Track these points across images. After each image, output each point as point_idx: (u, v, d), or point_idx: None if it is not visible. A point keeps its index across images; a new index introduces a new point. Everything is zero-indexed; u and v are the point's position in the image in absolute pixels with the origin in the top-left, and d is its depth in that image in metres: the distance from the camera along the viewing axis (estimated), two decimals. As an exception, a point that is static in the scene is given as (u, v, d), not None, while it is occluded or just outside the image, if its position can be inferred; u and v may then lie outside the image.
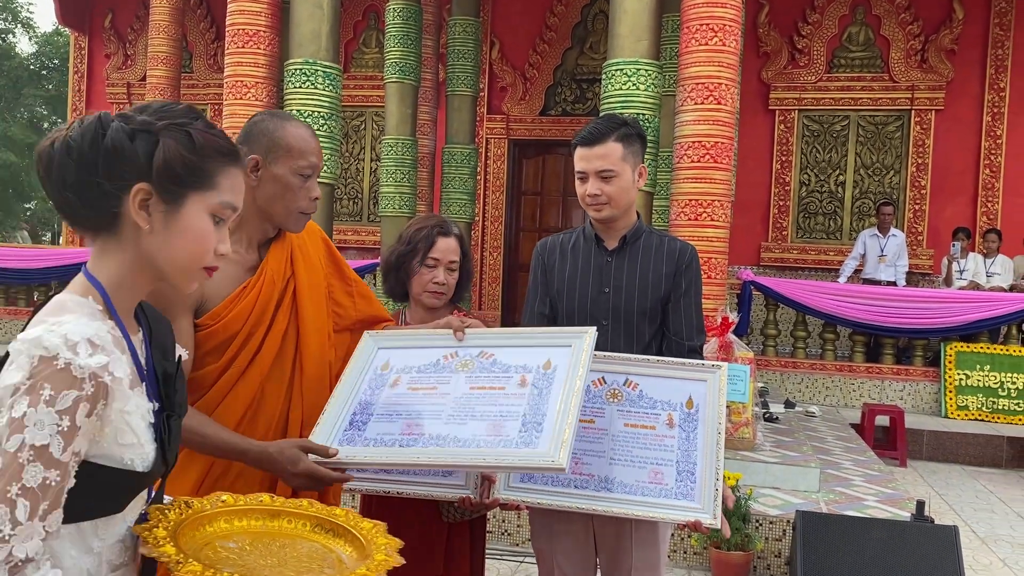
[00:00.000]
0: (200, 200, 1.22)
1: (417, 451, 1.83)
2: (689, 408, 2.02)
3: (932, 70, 10.23)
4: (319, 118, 6.21)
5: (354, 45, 12.08)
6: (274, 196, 1.86)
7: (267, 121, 1.88)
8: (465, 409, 1.89)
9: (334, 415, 1.95)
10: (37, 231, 31.33)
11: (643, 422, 2.03)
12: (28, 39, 28.40)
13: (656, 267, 2.30)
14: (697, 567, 4.29)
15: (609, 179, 2.24)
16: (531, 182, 11.79)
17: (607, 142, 2.23)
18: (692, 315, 2.30)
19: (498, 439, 1.80)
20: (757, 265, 10.50)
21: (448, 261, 2.40)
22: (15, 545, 1.01)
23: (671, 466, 1.97)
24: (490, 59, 11.45)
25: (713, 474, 1.95)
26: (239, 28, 6.43)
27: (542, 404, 1.84)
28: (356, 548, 1.36)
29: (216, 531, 1.33)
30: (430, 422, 1.89)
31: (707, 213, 5.40)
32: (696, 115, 5.42)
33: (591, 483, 2.00)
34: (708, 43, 5.39)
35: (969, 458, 7.26)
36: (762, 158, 10.71)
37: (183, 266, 1.23)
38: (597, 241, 2.35)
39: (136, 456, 1.18)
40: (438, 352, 2.05)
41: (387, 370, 2.04)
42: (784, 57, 10.69)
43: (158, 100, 1.24)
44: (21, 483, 1.02)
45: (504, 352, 2.00)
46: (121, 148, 1.16)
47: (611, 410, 2.06)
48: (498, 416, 1.85)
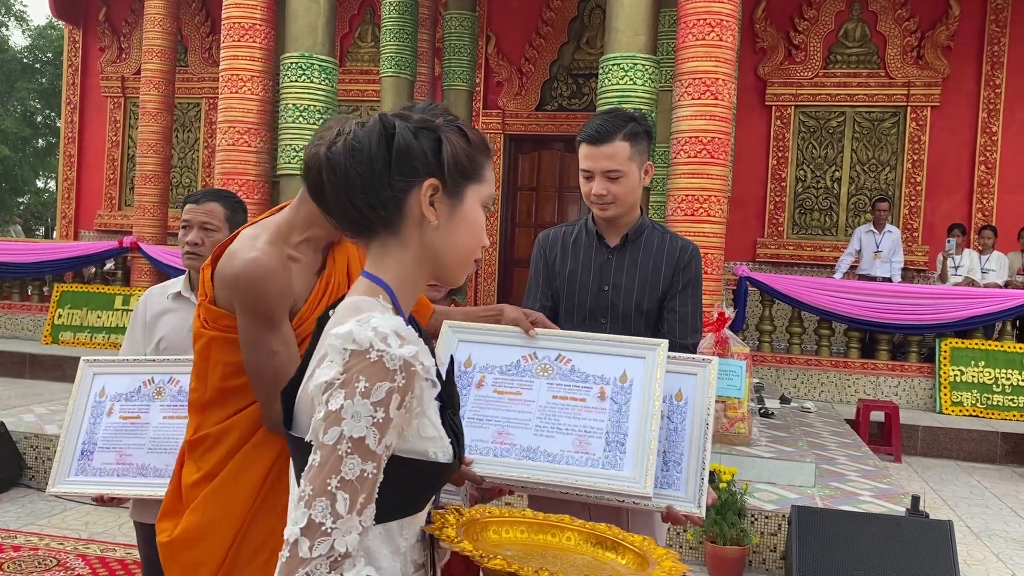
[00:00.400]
0: (475, 192, 1.26)
1: (515, 463, 1.91)
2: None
3: (928, 66, 10.24)
4: (315, 112, 6.20)
5: (349, 39, 12.05)
6: None
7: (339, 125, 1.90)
8: (550, 420, 1.96)
9: None
10: (30, 225, 31.22)
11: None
12: (21, 32, 28.29)
13: (656, 266, 2.28)
14: (693, 562, 4.30)
15: (616, 179, 2.21)
16: (527, 177, 11.78)
17: (614, 141, 2.18)
18: (687, 314, 2.27)
19: (584, 456, 1.90)
20: (753, 261, 10.51)
21: None
22: (336, 538, 1.02)
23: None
24: (486, 53, 11.43)
25: (699, 464, 1.97)
26: (235, 21, 6.41)
27: (622, 421, 1.93)
28: (630, 560, 1.37)
29: (489, 539, 1.37)
30: (519, 431, 1.96)
31: (704, 209, 5.40)
32: (693, 110, 5.42)
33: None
34: (705, 38, 5.39)
35: (963, 454, 7.28)
36: (758, 154, 10.71)
37: (462, 258, 1.27)
38: (599, 238, 2.33)
39: (438, 449, 1.20)
40: (517, 352, 2.07)
41: (471, 367, 2.07)
42: (780, 53, 10.69)
43: (420, 101, 1.28)
44: (340, 476, 1.03)
45: (581, 358, 2.03)
46: (409, 145, 1.19)
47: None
48: (582, 431, 1.93)
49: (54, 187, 30.23)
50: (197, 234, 2.53)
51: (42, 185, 31.30)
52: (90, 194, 13.11)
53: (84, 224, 13.08)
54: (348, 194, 1.19)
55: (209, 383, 1.83)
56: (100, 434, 2.37)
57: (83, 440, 2.38)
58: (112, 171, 12.97)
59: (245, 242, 1.78)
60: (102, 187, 13.00)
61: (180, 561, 1.81)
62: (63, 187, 13.34)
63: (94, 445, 2.37)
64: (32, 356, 9.28)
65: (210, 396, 1.83)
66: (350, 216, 1.22)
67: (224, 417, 1.83)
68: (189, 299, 2.58)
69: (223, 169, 6.79)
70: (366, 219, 1.21)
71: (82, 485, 2.35)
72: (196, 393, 1.86)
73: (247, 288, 1.71)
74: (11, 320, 10.58)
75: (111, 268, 10.35)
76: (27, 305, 10.60)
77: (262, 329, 1.72)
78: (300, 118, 6.12)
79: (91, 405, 2.42)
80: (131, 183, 12.62)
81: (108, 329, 9.56)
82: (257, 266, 1.71)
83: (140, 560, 2.59)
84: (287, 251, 1.78)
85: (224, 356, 1.80)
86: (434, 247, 1.24)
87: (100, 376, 2.45)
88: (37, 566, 3.87)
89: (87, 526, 4.48)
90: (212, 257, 1.86)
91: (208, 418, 1.84)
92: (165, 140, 10.08)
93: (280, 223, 1.82)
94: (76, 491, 2.38)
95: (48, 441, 5.23)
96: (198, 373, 1.85)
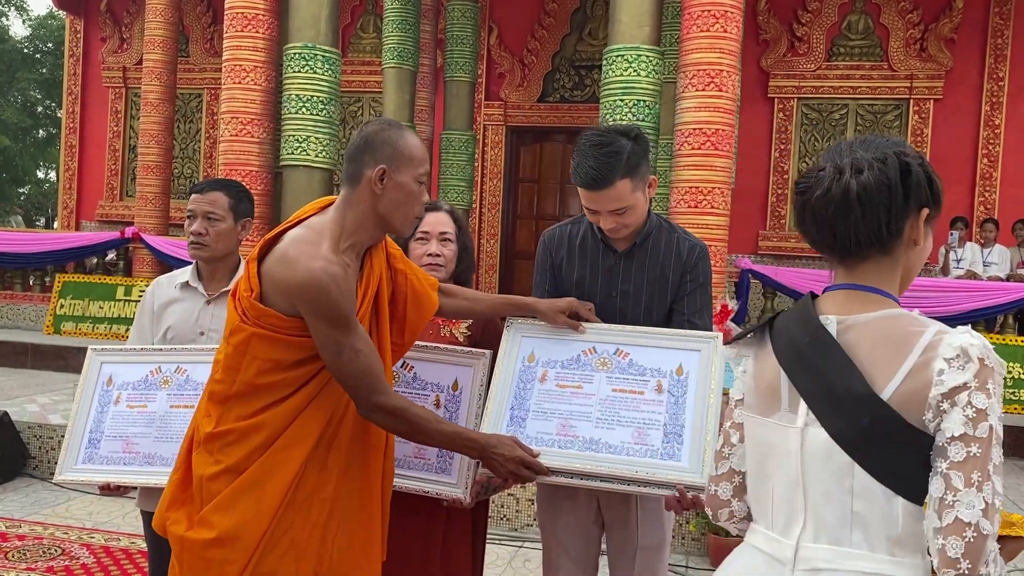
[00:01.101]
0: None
1: (578, 455, 2.00)
2: (679, 375, 2.08)
3: (931, 59, 10.22)
4: (318, 103, 6.19)
5: (351, 30, 12.01)
6: (398, 203, 1.91)
7: (387, 131, 1.92)
8: (611, 413, 2.06)
9: (496, 410, 2.11)
10: (31, 215, 31.21)
11: (631, 387, 2.09)
12: (22, 22, 28.25)
13: (664, 271, 2.25)
14: (695, 553, 4.31)
15: (625, 213, 2.16)
16: (528, 169, 11.76)
17: (615, 183, 2.10)
18: (695, 314, 2.25)
19: (644, 448, 2.00)
20: (755, 253, 10.51)
21: (439, 232, 2.41)
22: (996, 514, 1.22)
23: (658, 428, 2.03)
24: (488, 45, 11.39)
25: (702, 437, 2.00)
26: (238, 11, 6.39)
27: (680, 413, 2.02)
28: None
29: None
30: (581, 424, 2.05)
31: (707, 201, 5.40)
32: (697, 102, 5.41)
33: (575, 443, 2.04)
34: (709, 30, 5.38)
35: (964, 446, 7.28)
36: (761, 146, 10.69)
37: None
38: (605, 241, 2.29)
39: None
40: (577, 346, 2.16)
41: (533, 362, 2.16)
42: (784, 45, 10.67)
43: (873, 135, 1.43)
44: (993, 463, 1.22)
45: (638, 352, 2.12)
46: (919, 178, 1.37)
47: (600, 377, 2.11)
48: (641, 423, 2.03)
49: (55, 177, 30.22)
50: (201, 224, 2.53)
51: (43, 175, 31.26)
52: (92, 184, 13.10)
53: (85, 215, 13.07)
54: (877, 218, 1.34)
55: (241, 377, 1.83)
56: (107, 423, 2.38)
57: (90, 428, 2.39)
58: (114, 161, 12.96)
59: (303, 248, 1.81)
60: (103, 177, 12.98)
61: (206, 558, 1.80)
62: (64, 177, 13.32)
63: (101, 434, 2.38)
64: (34, 346, 9.28)
65: (238, 389, 1.84)
66: (866, 239, 1.36)
67: (251, 412, 1.84)
68: (197, 289, 2.58)
69: (226, 160, 6.77)
70: (876, 241, 1.36)
71: (89, 473, 2.37)
72: (222, 385, 1.86)
73: (320, 297, 1.76)
74: (13, 310, 10.58)
75: (113, 259, 10.35)
76: (29, 295, 10.60)
77: (343, 333, 1.78)
78: (303, 109, 6.10)
79: (98, 394, 2.43)
80: (133, 173, 12.61)
81: (110, 319, 9.56)
82: (327, 275, 1.76)
83: (146, 549, 2.60)
84: (341, 258, 1.83)
85: (264, 352, 1.82)
86: (909, 265, 1.43)
87: (108, 365, 2.46)
88: (42, 555, 3.88)
89: (91, 516, 4.49)
90: (257, 254, 1.87)
91: (231, 411, 1.85)
92: (167, 131, 10.06)
93: (333, 229, 1.86)
94: (83, 479, 2.40)
95: (51, 431, 5.24)
96: (229, 366, 1.85)
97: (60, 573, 3.70)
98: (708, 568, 4.15)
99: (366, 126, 1.95)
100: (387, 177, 1.88)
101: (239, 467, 1.82)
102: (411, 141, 1.93)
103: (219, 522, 1.79)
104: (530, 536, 4.38)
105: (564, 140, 11.50)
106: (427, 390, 2.27)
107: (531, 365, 2.14)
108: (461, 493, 2.18)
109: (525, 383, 2.13)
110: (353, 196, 1.89)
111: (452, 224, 2.44)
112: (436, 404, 2.24)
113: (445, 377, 2.26)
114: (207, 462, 1.85)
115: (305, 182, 6.22)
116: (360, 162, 1.89)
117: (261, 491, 1.81)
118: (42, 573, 3.68)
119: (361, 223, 1.89)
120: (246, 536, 1.79)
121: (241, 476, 1.81)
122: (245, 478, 1.81)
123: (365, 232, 1.91)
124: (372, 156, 1.89)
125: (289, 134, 6.20)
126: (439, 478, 2.22)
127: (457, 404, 2.23)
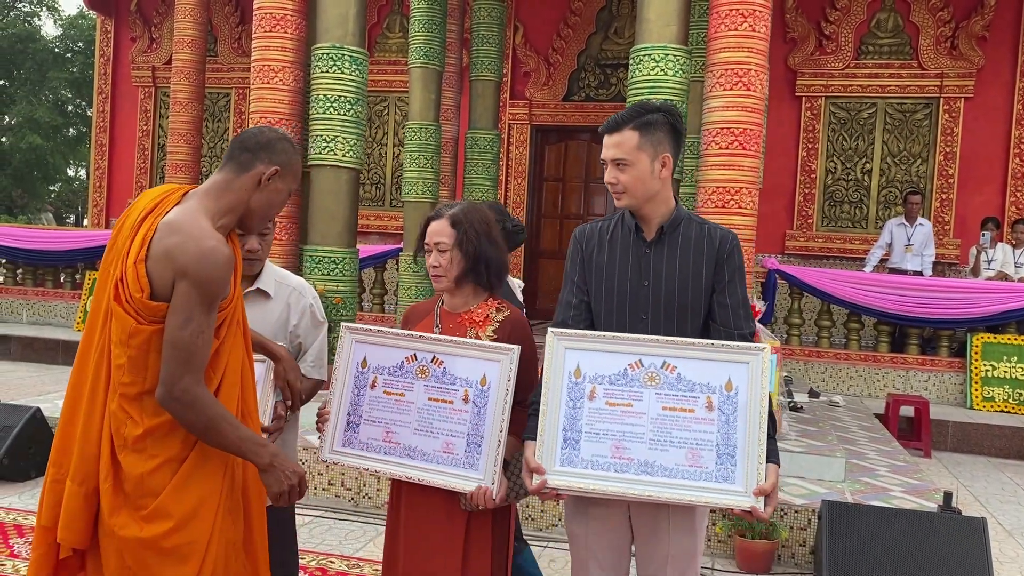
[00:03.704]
0: None
1: (635, 479, 2.01)
2: (728, 391, 2.04)
3: (962, 57, 10.09)
4: (345, 103, 6.21)
5: (378, 30, 12.07)
6: (268, 204, 2.07)
7: (286, 143, 2.10)
8: (663, 433, 2.04)
9: (549, 432, 2.10)
10: (61, 213, 31.63)
11: (682, 405, 2.05)
12: (53, 22, 28.59)
13: (696, 258, 2.24)
14: (721, 555, 4.29)
15: (623, 168, 2.20)
16: (553, 168, 11.75)
17: (623, 130, 2.19)
18: (738, 304, 2.24)
19: (699, 471, 1.99)
20: (782, 253, 10.43)
21: (434, 243, 2.41)
22: None
23: (711, 449, 2.01)
24: (514, 44, 11.40)
25: (757, 456, 1.99)
26: (267, 12, 6.43)
27: (731, 433, 2.01)
28: None
29: None
30: (635, 445, 2.04)
31: (735, 201, 5.36)
32: (725, 101, 5.37)
33: (631, 467, 2.03)
34: (738, 28, 5.34)
35: (994, 450, 7.20)
36: (788, 145, 10.61)
37: None
38: (636, 230, 2.29)
39: None
40: (623, 359, 2.12)
41: (580, 378, 2.13)
42: (811, 43, 10.58)
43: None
44: None
45: (686, 365, 2.08)
46: None
47: (649, 393, 2.08)
48: (694, 444, 2.02)
49: (84, 176, 30.60)
50: (256, 240, 2.58)
51: (73, 174, 31.68)
52: (121, 183, 13.25)
53: (115, 212, 13.23)
54: None
55: (150, 373, 1.89)
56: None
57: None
58: (143, 160, 13.11)
59: (192, 221, 1.90)
60: (133, 176, 13.13)
61: (167, 547, 1.88)
62: (95, 176, 13.49)
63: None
64: (65, 343, 9.42)
65: (151, 384, 1.89)
66: None
67: None
68: (265, 291, 2.69)
69: (253, 159, 6.79)
70: None
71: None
72: (133, 386, 1.90)
73: (207, 272, 1.85)
74: (44, 307, 10.75)
75: (142, 256, 10.47)
76: (60, 292, 10.76)
77: (202, 310, 1.86)
78: (331, 109, 6.13)
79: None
80: (161, 172, 12.75)
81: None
82: (217, 252, 1.87)
83: None
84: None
85: None
86: None
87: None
88: (74, 549, 3.94)
89: (122, 511, 4.54)
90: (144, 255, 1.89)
91: (150, 406, 1.90)
92: (195, 130, 10.16)
93: (205, 209, 1.96)
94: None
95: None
96: (136, 366, 1.89)
97: (92, 567, 3.75)
98: (734, 571, 4.12)
99: (267, 130, 2.10)
100: (274, 179, 2.04)
101: (180, 455, 1.91)
102: (298, 160, 2.14)
103: (175, 509, 1.88)
104: (555, 536, 4.39)
105: (589, 139, 11.48)
106: (456, 385, 2.29)
107: (578, 381, 2.11)
108: (490, 484, 2.21)
109: (575, 401, 2.10)
110: (236, 182, 2.02)
111: (449, 231, 2.40)
112: (465, 399, 2.26)
113: (474, 372, 2.28)
114: (140, 460, 1.89)
115: (332, 181, 6.25)
116: (256, 155, 2.02)
117: (206, 469, 1.93)
118: (74, 567, 3.74)
119: (233, 207, 2.02)
120: (203, 516, 1.91)
121: (185, 462, 1.91)
122: (190, 462, 1.92)
123: (234, 216, 2.03)
124: (270, 156, 2.04)
125: (317, 134, 6.23)
126: (466, 472, 2.25)
127: (485, 399, 2.25)
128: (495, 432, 2.23)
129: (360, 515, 4.60)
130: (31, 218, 27.87)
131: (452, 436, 2.27)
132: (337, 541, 4.22)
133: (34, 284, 10.87)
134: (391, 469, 2.32)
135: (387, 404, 2.35)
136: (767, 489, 1.98)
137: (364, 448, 2.36)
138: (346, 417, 2.38)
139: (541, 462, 2.08)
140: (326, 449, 2.39)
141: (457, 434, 2.27)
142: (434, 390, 2.31)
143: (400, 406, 2.34)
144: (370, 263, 9.93)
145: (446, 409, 2.29)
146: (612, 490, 2.02)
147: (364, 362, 2.39)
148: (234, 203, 2.01)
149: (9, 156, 25.81)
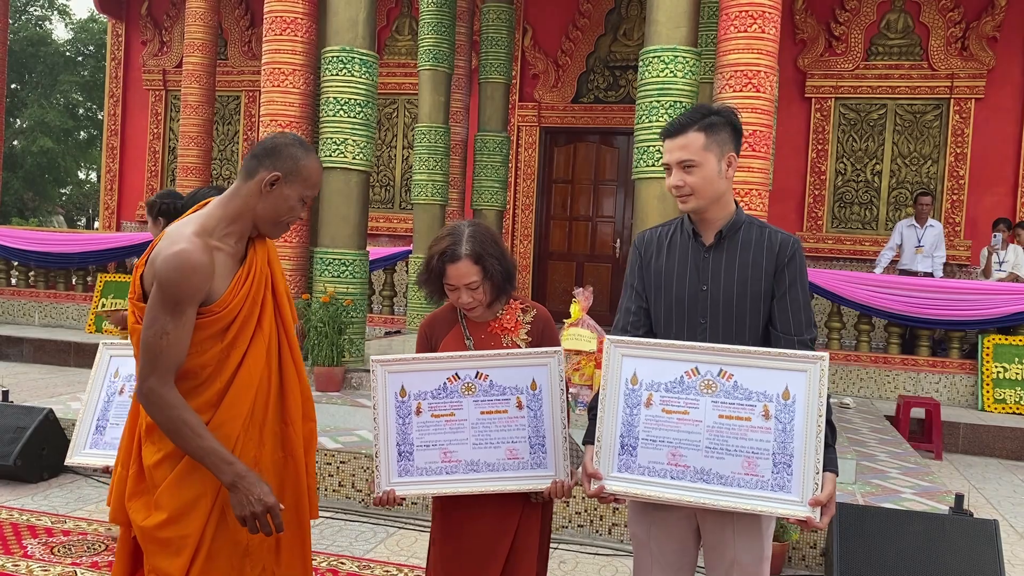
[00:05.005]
0: None
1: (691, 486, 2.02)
2: (786, 399, 2.02)
3: (973, 58, 10.05)
4: (355, 105, 6.23)
5: (387, 32, 12.10)
6: (275, 210, 2.08)
7: (296, 147, 2.09)
8: (719, 441, 2.03)
9: (608, 438, 2.11)
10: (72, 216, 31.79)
11: (738, 413, 2.04)
12: (64, 26, 28.77)
13: (756, 262, 2.21)
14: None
15: (690, 170, 2.18)
16: (562, 170, 11.76)
17: (688, 132, 2.18)
18: (800, 310, 2.20)
19: (755, 479, 1.99)
20: (791, 255, 10.39)
21: (464, 284, 2.37)
22: None
23: (767, 458, 2.00)
24: (523, 46, 11.42)
25: (814, 465, 1.98)
26: (277, 15, 6.47)
27: (788, 442, 1.99)
28: None
29: None
30: (691, 453, 2.04)
31: (745, 202, 5.36)
32: (734, 103, 5.36)
33: (687, 474, 2.04)
34: (747, 30, 5.34)
35: (1006, 452, 7.17)
36: (798, 147, 10.60)
37: None
38: (694, 235, 2.27)
39: None
40: (680, 367, 2.10)
41: (637, 385, 2.12)
42: (821, 44, 10.56)
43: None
44: None
45: (743, 373, 2.05)
46: None
47: (705, 401, 2.07)
48: (750, 452, 2.01)
49: (96, 178, 30.75)
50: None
51: (84, 176, 31.84)
52: (132, 185, 13.32)
53: (126, 215, 13.30)
54: None
55: None
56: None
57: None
58: (154, 163, 13.17)
59: (171, 234, 1.99)
60: (144, 179, 13.20)
61: (162, 538, 1.97)
62: (106, 179, 13.56)
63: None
64: (76, 344, 9.47)
65: None
66: None
67: None
68: None
69: (264, 162, 6.82)
70: None
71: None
72: None
73: (167, 274, 1.91)
74: (56, 309, 10.81)
75: (153, 259, 10.52)
76: (71, 294, 10.82)
77: (165, 312, 1.92)
78: (341, 111, 6.16)
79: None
80: (172, 175, 12.81)
81: (150, 319, 9.72)
82: (181, 255, 1.92)
83: None
84: (212, 242, 1.99)
85: None
86: None
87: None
88: (86, 550, 3.97)
89: (134, 512, 4.57)
90: (145, 258, 2.04)
91: None
92: (206, 133, 10.22)
93: (207, 216, 2.03)
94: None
95: (95, 428, 5.33)
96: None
97: (104, 568, 3.78)
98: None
99: (280, 136, 2.11)
100: (277, 184, 2.05)
101: (179, 452, 1.98)
102: (312, 164, 2.10)
103: (168, 503, 1.97)
104: (565, 538, 4.39)
105: (598, 141, 11.49)
106: (507, 394, 2.32)
107: (635, 388, 2.11)
108: (563, 477, 2.30)
109: (631, 408, 2.10)
110: (243, 189, 2.06)
111: (474, 269, 2.36)
112: (519, 406, 2.30)
113: (522, 380, 2.31)
114: (151, 452, 2.01)
115: (343, 184, 6.28)
116: (261, 162, 2.05)
117: (204, 468, 1.97)
118: (87, 568, 3.76)
119: (241, 214, 2.05)
120: (196, 512, 1.98)
121: (184, 459, 1.98)
122: (188, 460, 1.97)
123: (244, 223, 2.07)
124: (273, 162, 2.05)
125: (327, 136, 6.25)
126: (536, 472, 2.32)
127: (539, 402, 2.30)
128: (557, 428, 2.31)
129: (371, 517, 4.61)
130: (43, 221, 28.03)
131: (514, 443, 2.32)
132: (348, 542, 4.23)
133: (46, 286, 10.93)
134: (459, 487, 2.32)
135: (438, 426, 2.33)
136: (822, 500, 1.96)
137: (424, 473, 2.33)
138: (396, 448, 2.34)
139: (599, 468, 2.10)
140: (382, 483, 2.34)
141: (519, 439, 2.32)
142: (485, 403, 2.33)
143: (452, 425, 2.33)
144: (380, 265, 9.97)
145: (502, 419, 2.32)
146: (668, 497, 2.03)
147: (403, 391, 2.34)
148: (241, 209, 2.05)
149: (21, 159, 25.96)
